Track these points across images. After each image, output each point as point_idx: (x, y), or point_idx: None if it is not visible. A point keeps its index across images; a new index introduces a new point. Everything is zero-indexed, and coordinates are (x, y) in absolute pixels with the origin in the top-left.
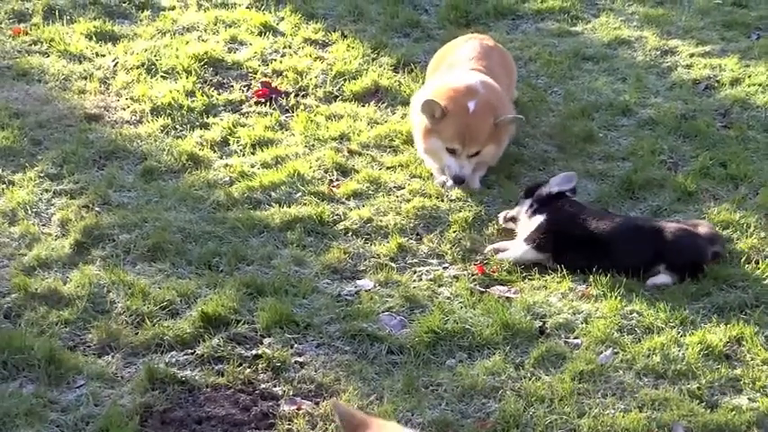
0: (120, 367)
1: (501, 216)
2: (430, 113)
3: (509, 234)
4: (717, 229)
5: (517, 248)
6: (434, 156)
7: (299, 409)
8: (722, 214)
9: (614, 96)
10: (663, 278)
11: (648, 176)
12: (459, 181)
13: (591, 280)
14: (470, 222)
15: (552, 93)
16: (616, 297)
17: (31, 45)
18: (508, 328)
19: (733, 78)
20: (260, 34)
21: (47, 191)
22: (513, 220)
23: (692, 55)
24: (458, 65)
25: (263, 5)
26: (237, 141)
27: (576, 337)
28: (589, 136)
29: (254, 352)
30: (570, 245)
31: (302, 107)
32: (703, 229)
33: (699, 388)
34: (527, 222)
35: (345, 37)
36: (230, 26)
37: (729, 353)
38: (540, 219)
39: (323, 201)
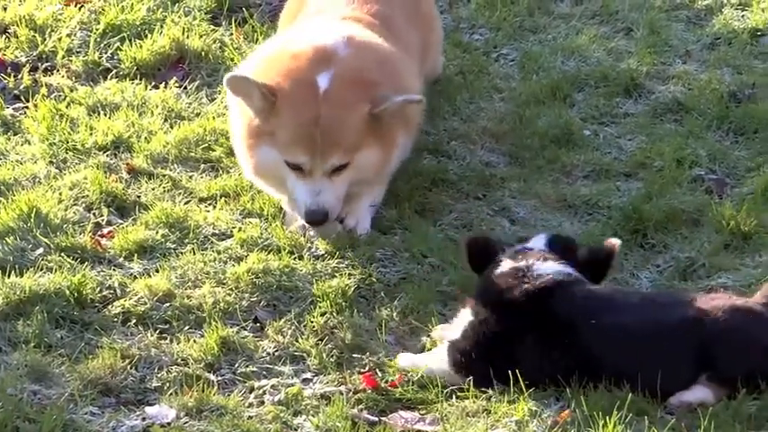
0: None
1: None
2: (249, 100)
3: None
4: None
5: (434, 357)
6: (271, 178)
7: None
8: None
9: (611, 62)
10: (698, 392)
11: (672, 206)
12: (316, 219)
13: (569, 396)
14: (351, 297)
15: (500, 57)
16: (616, 426)
17: None
18: None
19: None
20: None
21: None
22: None
23: None
24: (327, 10)
25: None
26: None
27: None
28: (566, 135)
29: None
30: (519, 355)
31: (44, 91)
32: None
33: None
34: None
35: None
36: None
37: None
38: (465, 313)
39: (83, 263)
